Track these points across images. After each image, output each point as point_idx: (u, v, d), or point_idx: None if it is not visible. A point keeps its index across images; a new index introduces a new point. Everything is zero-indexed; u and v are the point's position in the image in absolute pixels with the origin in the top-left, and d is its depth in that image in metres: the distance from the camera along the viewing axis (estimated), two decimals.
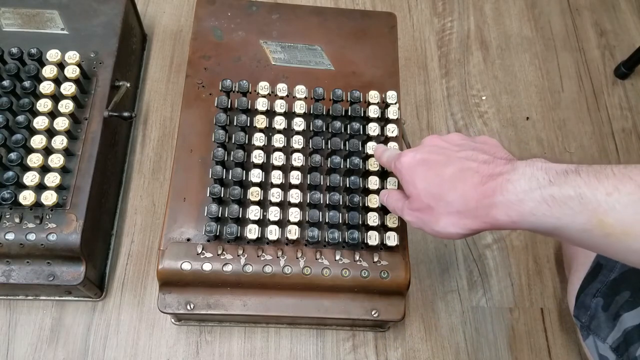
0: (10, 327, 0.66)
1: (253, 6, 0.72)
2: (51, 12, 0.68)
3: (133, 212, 0.75)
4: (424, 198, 0.46)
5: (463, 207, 0.43)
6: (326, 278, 0.57)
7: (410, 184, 0.47)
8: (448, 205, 0.44)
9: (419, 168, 0.47)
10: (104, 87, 0.65)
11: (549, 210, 0.38)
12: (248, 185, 0.58)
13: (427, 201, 0.45)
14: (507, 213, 0.40)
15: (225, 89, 0.62)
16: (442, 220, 0.44)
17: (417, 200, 0.47)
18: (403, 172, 0.48)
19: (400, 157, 0.49)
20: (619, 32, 0.98)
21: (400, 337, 0.70)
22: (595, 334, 0.59)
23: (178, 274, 0.56)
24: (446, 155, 0.46)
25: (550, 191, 0.38)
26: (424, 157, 0.47)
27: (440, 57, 0.92)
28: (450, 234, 0.44)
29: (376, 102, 0.64)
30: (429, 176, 0.46)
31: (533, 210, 0.38)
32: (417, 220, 0.48)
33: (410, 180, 0.47)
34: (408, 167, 0.47)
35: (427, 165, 0.46)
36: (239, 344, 0.68)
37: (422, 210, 0.47)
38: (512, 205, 0.39)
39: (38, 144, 0.58)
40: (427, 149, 0.48)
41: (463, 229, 0.43)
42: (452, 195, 0.43)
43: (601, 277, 0.59)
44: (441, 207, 0.44)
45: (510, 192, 0.39)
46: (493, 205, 0.40)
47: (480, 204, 0.41)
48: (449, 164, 0.45)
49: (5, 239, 0.57)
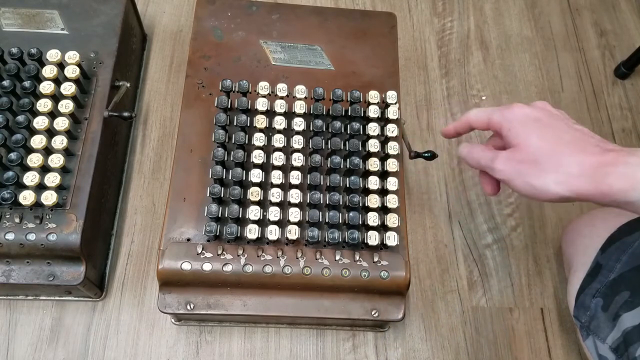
0: (10, 327, 0.66)
1: (253, 6, 0.72)
2: (51, 12, 0.68)
3: (133, 212, 0.75)
4: (534, 151, 0.46)
5: (577, 170, 0.44)
6: (326, 278, 0.57)
7: (522, 135, 0.47)
8: (560, 165, 0.44)
9: (535, 124, 0.47)
10: (104, 87, 0.65)
11: None
12: (248, 185, 0.58)
13: (536, 156, 0.46)
14: (622, 180, 0.42)
15: (225, 89, 0.62)
16: (545, 177, 0.45)
17: (525, 151, 0.46)
18: (514, 123, 0.47)
19: (512, 107, 0.48)
20: (619, 32, 0.98)
21: (400, 337, 0.70)
22: (595, 334, 0.59)
23: (178, 274, 0.56)
24: (564, 122, 0.47)
25: None
26: (539, 116, 0.47)
27: (440, 57, 0.92)
28: (547, 192, 0.45)
29: (376, 102, 0.64)
30: (547, 134, 0.46)
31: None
32: (512, 170, 0.47)
33: (522, 132, 0.47)
34: (522, 119, 0.47)
35: (543, 125, 0.47)
36: (239, 344, 0.68)
37: (524, 162, 0.46)
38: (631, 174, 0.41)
39: (38, 144, 0.58)
40: (542, 112, 0.48)
41: (568, 190, 0.44)
42: (569, 157, 0.44)
43: (600, 278, 0.59)
44: (551, 165, 0.45)
45: (632, 163, 0.42)
46: (611, 173, 0.42)
47: (597, 170, 0.43)
48: (568, 132, 0.46)
49: (5, 239, 0.57)
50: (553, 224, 0.80)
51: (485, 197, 0.81)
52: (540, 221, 0.80)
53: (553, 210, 0.81)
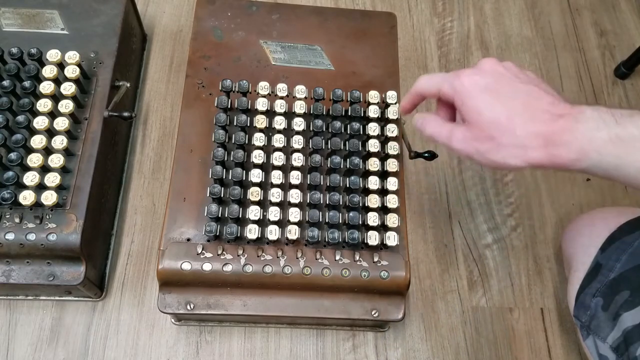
0: (10, 327, 0.66)
1: (253, 6, 0.72)
2: (51, 12, 0.68)
3: (133, 212, 0.75)
4: (487, 127, 0.45)
5: (530, 142, 0.43)
6: (326, 278, 0.57)
7: (474, 111, 0.46)
8: (514, 138, 0.44)
9: (484, 95, 0.46)
10: (104, 87, 0.65)
11: (614, 148, 0.40)
12: (248, 185, 0.58)
13: (490, 131, 0.45)
14: (572, 151, 0.42)
15: (225, 89, 0.62)
16: (504, 151, 0.45)
17: (478, 128, 0.46)
18: (466, 95, 0.46)
19: (460, 76, 0.47)
20: (619, 32, 0.98)
21: (400, 337, 0.70)
22: (595, 334, 0.58)
23: (178, 274, 0.56)
24: (512, 85, 0.46)
25: (616, 130, 0.40)
26: (488, 83, 0.46)
27: (440, 57, 0.92)
28: (509, 165, 0.45)
29: (376, 102, 0.64)
30: (497, 107, 0.45)
31: (599, 148, 0.41)
32: (471, 149, 0.47)
33: (473, 107, 0.46)
34: (471, 91, 0.46)
35: (493, 94, 0.45)
36: (239, 344, 0.68)
37: (480, 140, 0.46)
38: (579, 143, 0.41)
39: (38, 144, 0.58)
40: (490, 75, 0.47)
41: (525, 161, 0.44)
42: (522, 129, 0.44)
43: (600, 277, 0.59)
44: (506, 139, 0.44)
45: (579, 131, 0.41)
46: (561, 144, 0.42)
47: (548, 140, 0.43)
48: (516, 97, 0.45)
49: (5, 239, 0.57)
50: (553, 224, 0.80)
51: (485, 197, 0.81)
52: (540, 221, 0.80)
53: (553, 210, 0.81)
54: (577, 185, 0.84)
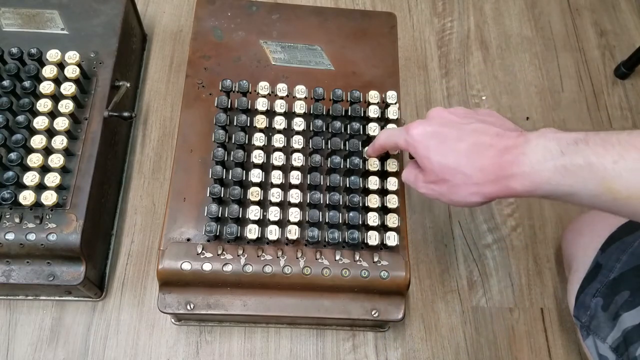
0: (10, 327, 0.66)
1: (253, 6, 0.72)
2: (51, 12, 0.68)
3: (133, 212, 0.75)
4: (439, 172, 0.47)
5: (481, 179, 0.45)
6: (326, 278, 0.57)
7: (425, 158, 0.48)
8: (466, 178, 0.45)
9: (432, 141, 0.47)
10: (104, 87, 0.65)
11: (562, 179, 0.40)
12: (248, 185, 0.58)
13: (442, 175, 0.47)
14: (523, 183, 0.42)
15: (225, 89, 0.62)
16: (460, 192, 0.46)
17: (432, 173, 0.48)
18: (416, 145, 0.48)
19: (410, 129, 0.49)
20: (619, 32, 0.98)
21: (400, 337, 0.70)
22: (595, 334, 0.59)
23: (178, 274, 0.56)
24: (457, 128, 0.47)
25: (562, 161, 0.40)
26: (435, 130, 0.48)
27: (440, 57, 0.92)
28: (469, 203, 0.47)
29: (376, 102, 0.64)
30: (444, 150, 0.47)
31: (548, 179, 0.41)
32: (433, 192, 0.49)
33: (424, 154, 0.48)
34: (420, 141, 0.48)
35: (439, 139, 0.47)
36: (239, 344, 0.68)
37: (437, 183, 0.48)
38: (528, 176, 0.42)
39: (38, 144, 0.58)
40: (436, 122, 0.48)
41: (483, 197, 0.46)
42: (469, 168, 0.45)
43: (600, 277, 0.59)
44: (458, 179, 0.46)
45: (526, 164, 0.42)
46: (510, 177, 0.43)
47: (497, 175, 0.44)
48: (462, 138, 0.46)
49: (5, 239, 0.57)
50: (553, 224, 0.80)
51: None
52: (540, 221, 0.80)
53: (553, 210, 0.81)
54: None
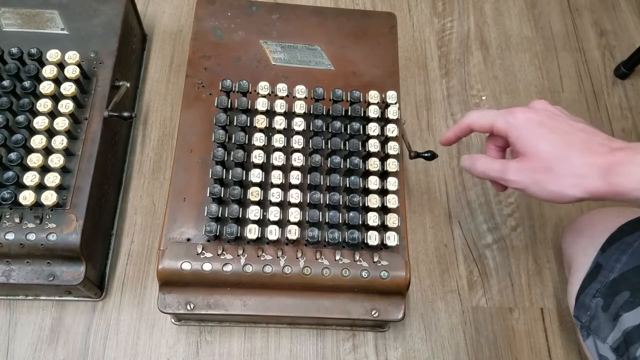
0: (10, 327, 0.66)
1: (253, 6, 0.72)
2: (51, 12, 0.68)
3: (133, 212, 0.75)
4: (545, 158, 0.47)
5: (589, 172, 0.45)
6: (326, 278, 0.57)
7: (530, 143, 0.48)
8: (573, 168, 0.46)
9: (540, 130, 0.48)
10: (104, 87, 0.65)
11: None
12: (248, 185, 0.58)
13: (548, 163, 0.47)
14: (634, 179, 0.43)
15: (225, 89, 0.62)
16: (561, 181, 0.46)
17: (535, 159, 0.47)
18: (520, 129, 0.48)
19: (514, 112, 0.49)
20: (619, 32, 0.98)
21: (400, 337, 0.70)
22: (595, 334, 0.58)
23: (178, 274, 0.56)
24: (566, 123, 0.48)
25: None
26: (542, 120, 0.48)
27: (440, 57, 0.92)
28: (565, 196, 0.46)
29: (376, 102, 0.64)
30: (553, 139, 0.47)
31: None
32: (527, 180, 0.48)
33: (529, 139, 0.48)
34: (526, 126, 0.48)
35: (548, 128, 0.47)
36: (239, 344, 0.68)
37: (537, 171, 0.47)
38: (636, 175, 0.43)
39: (38, 144, 0.58)
40: (543, 113, 0.49)
41: (583, 192, 0.45)
42: (579, 160, 0.45)
43: (601, 278, 0.59)
44: (564, 169, 0.46)
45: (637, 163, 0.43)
46: (621, 174, 0.44)
47: (608, 170, 0.44)
48: (572, 132, 0.47)
49: (5, 239, 0.57)
50: (553, 224, 0.80)
51: (485, 197, 0.81)
52: (540, 221, 0.80)
53: (553, 210, 0.81)
54: None
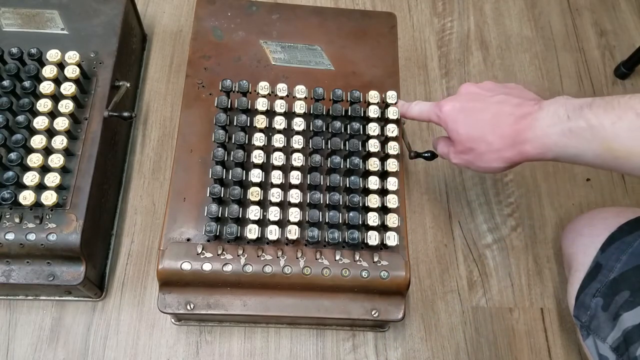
0: (10, 327, 0.66)
1: (253, 6, 0.72)
2: (51, 12, 0.68)
3: (133, 212, 0.75)
4: (466, 142, 0.54)
5: (501, 145, 0.51)
6: (326, 278, 0.57)
7: (454, 131, 0.55)
8: (489, 145, 0.52)
9: (460, 115, 0.54)
10: (104, 87, 0.65)
11: (569, 141, 0.46)
12: (248, 185, 0.58)
13: (469, 144, 0.54)
14: (535, 146, 0.48)
15: (225, 89, 0.62)
16: (485, 158, 0.53)
17: (460, 144, 0.55)
18: (447, 121, 0.55)
19: (442, 107, 0.56)
20: (619, 32, 0.98)
21: (400, 337, 0.70)
22: (595, 334, 0.59)
23: (178, 274, 0.56)
24: (482, 101, 0.53)
25: (568, 125, 0.46)
26: (463, 105, 0.54)
27: (440, 57, 0.92)
28: (493, 168, 0.53)
29: (376, 102, 0.64)
30: (470, 122, 0.53)
31: (556, 142, 0.47)
32: (463, 161, 0.56)
33: (453, 128, 0.55)
34: (450, 115, 0.55)
35: (466, 112, 0.54)
36: (239, 344, 0.68)
37: (465, 152, 0.55)
38: (539, 139, 0.48)
39: (38, 144, 0.58)
40: (464, 97, 0.55)
41: (504, 162, 0.52)
42: (491, 136, 0.51)
43: (600, 277, 0.59)
44: (482, 147, 0.52)
45: (537, 128, 0.48)
46: (525, 141, 0.49)
47: (515, 140, 0.50)
48: (485, 110, 0.53)
49: (5, 239, 0.57)
50: (553, 224, 0.80)
51: (485, 197, 0.81)
52: (540, 221, 0.80)
53: (553, 210, 0.81)
54: (577, 185, 0.84)
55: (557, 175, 0.84)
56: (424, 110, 0.60)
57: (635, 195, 0.84)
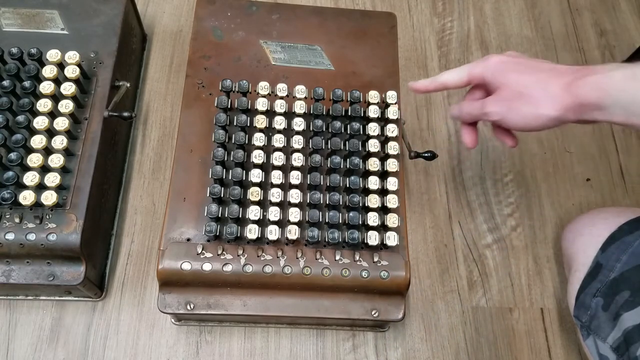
0: (10, 327, 0.66)
1: (253, 6, 0.72)
2: (51, 12, 0.68)
3: (133, 212, 0.75)
4: (517, 85, 0.52)
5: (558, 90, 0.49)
6: (326, 278, 0.57)
7: (502, 76, 0.53)
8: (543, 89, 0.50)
9: (511, 65, 0.53)
10: (104, 87, 0.65)
11: (630, 84, 0.46)
12: (248, 185, 0.58)
13: (520, 88, 0.51)
14: (595, 88, 0.47)
15: (225, 89, 0.62)
16: (533, 102, 0.51)
17: (508, 89, 0.52)
18: (492, 69, 0.53)
19: (487, 58, 0.55)
20: (619, 32, 0.98)
21: (400, 337, 0.70)
22: (596, 334, 0.58)
23: (178, 274, 0.56)
24: (535, 61, 0.53)
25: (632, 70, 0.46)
26: (511, 59, 0.54)
27: (440, 57, 0.92)
28: (539, 115, 0.50)
29: (376, 102, 0.64)
30: (522, 69, 0.52)
31: (616, 85, 0.46)
32: (502, 108, 0.53)
33: (501, 74, 0.53)
34: (498, 65, 0.53)
35: (516, 64, 0.53)
36: (239, 344, 0.68)
37: (511, 98, 0.52)
38: (601, 80, 0.47)
39: (38, 144, 0.58)
40: (514, 55, 0.54)
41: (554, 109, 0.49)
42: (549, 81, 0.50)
43: (601, 277, 0.59)
44: (534, 91, 0.51)
45: (599, 72, 0.48)
46: (585, 84, 0.48)
47: (572, 84, 0.49)
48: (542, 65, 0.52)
49: (5, 239, 0.57)
50: (553, 224, 0.80)
51: (485, 197, 0.81)
52: (540, 221, 0.80)
53: (553, 210, 0.81)
54: (577, 185, 0.84)
55: (557, 175, 0.84)
56: (455, 73, 0.56)
57: (635, 195, 0.84)
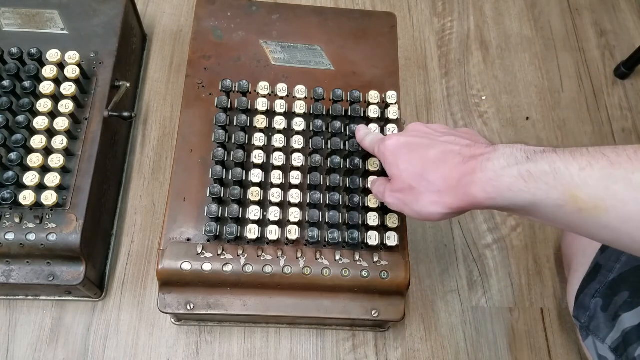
0: (10, 327, 0.66)
1: (253, 6, 0.72)
2: (51, 12, 0.68)
3: (133, 212, 0.75)
4: (405, 178, 0.47)
5: (444, 186, 0.44)
6: (326, 278, 0.57)
7: (394, 166, 0.48)
8: (429, 185, 0.45)
9: (403, 150, 0.48)
10: (104, 87, 0.65)
11: (525, 185, 0.39)
12: (248, 185, 0.58)
13: (408, 181, 0.46)
14: (485, 189, 0.41)
15: (225, 89, 0.62)
16: (422, 199, 0.45)
17: (399, 180, 0.48)
18: (387, 155, 0.49)
19: (385, 140, 0.50)
20: (619, 32, 0.98)
21: (400, 337, 0.71)
22: (595, 335, 0.59)
23: (178, 274, 0.56)
24: (429, 139, 0.48)
25: (527, 167, 0.39)
26: (407, 140, 0.48)
27: (440, 57, 0.92)
28: (430, 213, 0.45)
29: (376, 102, 0.64)
30: (412, 158, 0.47)
31: (510, 185, 0.39)
32: (398, 202, 0.49)
33: (393, 162, 0.48)
34: (392, 150, 0.49)
35: (410, 148, 0.48)
36: (239, 344, 0.68)
37: (403, 191, 0.48)
38: (490, 181, 0.40)
39: (38, 144, 0.58)
40: (411, 133, 0.50)
41: (443, 207, 0.44)
42: (434, 175, 0.45)
43: (600, 278, 0.59)
44: (422, 187, 0.45)
45: (489, 169, 0.40)
46: (472, 183, 0.41)
47: (460, 182, 0.42)
48: (431, 147, 0.46)
49: (5, 239, 0.57)
50: None
51: None
52: None
53: None
54: None
55: None
56: (372, 141, 0.54)
57: None
